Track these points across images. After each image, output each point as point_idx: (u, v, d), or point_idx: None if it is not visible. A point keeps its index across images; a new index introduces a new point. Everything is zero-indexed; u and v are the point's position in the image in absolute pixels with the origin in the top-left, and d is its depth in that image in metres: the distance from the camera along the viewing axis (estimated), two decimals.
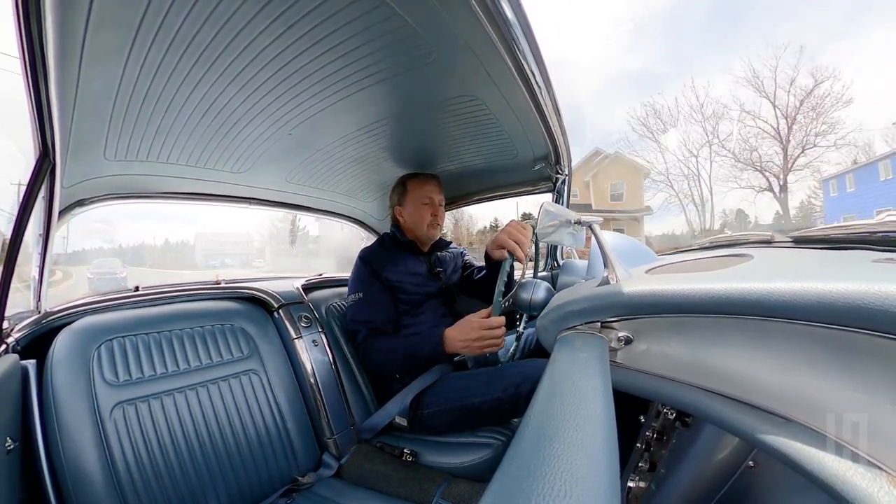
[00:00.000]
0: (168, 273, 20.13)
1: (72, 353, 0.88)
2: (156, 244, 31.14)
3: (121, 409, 0.88)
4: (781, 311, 0.39)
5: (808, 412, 0.38)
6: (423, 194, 1.37)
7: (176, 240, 31.83)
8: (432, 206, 1.38)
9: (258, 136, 1.07)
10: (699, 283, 0.47)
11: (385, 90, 0.93)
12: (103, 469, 0.81)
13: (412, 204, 1.37)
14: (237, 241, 28.99)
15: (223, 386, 1.04)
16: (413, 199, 1.38)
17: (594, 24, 42.65)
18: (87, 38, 0.63)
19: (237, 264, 25.74)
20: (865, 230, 0.69)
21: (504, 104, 1.02)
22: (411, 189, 1.38)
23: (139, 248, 28.27)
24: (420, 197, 1.37)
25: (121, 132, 0.91)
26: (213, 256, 27.19)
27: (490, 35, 0.72)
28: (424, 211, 1.37)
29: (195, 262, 26.68)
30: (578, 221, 0.74)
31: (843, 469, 0.33)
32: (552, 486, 0.23)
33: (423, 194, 1.37)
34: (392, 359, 1.16)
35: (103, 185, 1.11)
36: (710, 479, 0.58)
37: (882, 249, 0.58)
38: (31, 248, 0.97)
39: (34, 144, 0.77)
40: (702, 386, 0.48)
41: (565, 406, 0.34)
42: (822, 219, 18.87)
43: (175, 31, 0.66)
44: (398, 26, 0.71)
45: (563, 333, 0.61)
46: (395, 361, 1.16)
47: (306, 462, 1.11)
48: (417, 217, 1.37)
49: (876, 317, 0.33)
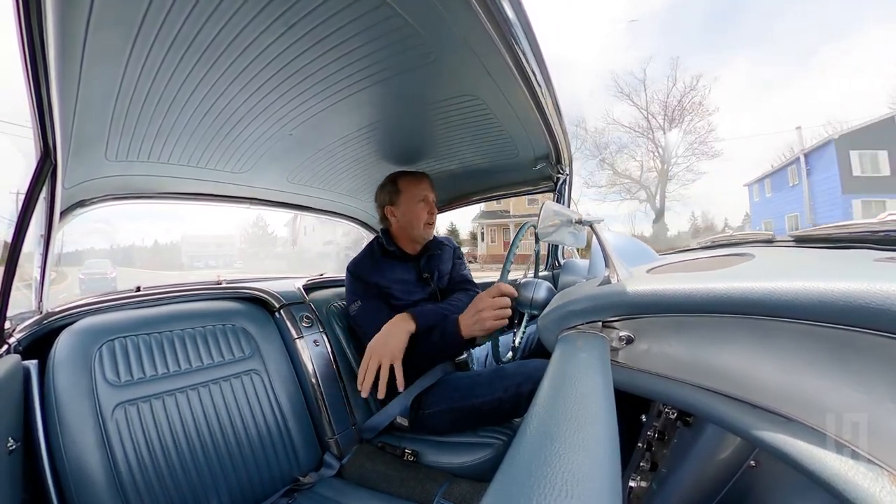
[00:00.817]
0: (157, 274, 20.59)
1: (73, 353, 0.88)
2: (146, 245, 31.99)
3: (122, 410, 0.88)
4: (783, 310, 0.39)
5: (809, 411, 0.38)
6: (418, 192, 1.32)
7: (164, 241, 32.75)
8: (427, 205, 1.33)
9: (259, 136, 1.07)
10: (701, 282, 0.47)
11: (386, 90, 0.93)
12: (105, 469, 0.82)
13: (407, 203, 1.32)
14: (220, 244, 30.08)
15: (225, 386, 1.04)
16: (407, 198, 1.32)
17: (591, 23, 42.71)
18: (87, 38, 0.63)
19: (220, 265, 26.65)
20: (867, 229, 0.69)
21: (505, 103, 1.02)
22: (405, 188, 1.33)
23: (129, 249, 29.07)
24: (415, 195, 1.32)
25: (122, 133, 0.92)
26: (198, 258, 28.35)
27: (490, 34, 0.72)
28: (420, 210, 1.32)
29: (181, 263, 27.64)
30: (580, 221, 0.74)
31: (845, 468, 0.33)
32: (553, 485, 0.23)
33: (419, 192, 1.32)
34: (406, 354, 1.11)
35: (104, 185, 1.11)
36: (711, 479, 0.58)
37: (883, 248, 0.58)
38: (32, 248, 0.97)
39: (35, 145, 0.77)
40: (703, 385, 0.48)
41: (566, 406, 0.34)
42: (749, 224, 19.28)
43: (176, 31, 0.66)
44: (399, 26, 0.71)
45: (565, 333, 0.61)
46: (409, 356, 1.11)
47: (308, 462, 1.11)
48: (413, 216, 1.32)
49: (877, 316, 0.33)
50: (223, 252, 28.92)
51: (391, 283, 1.27)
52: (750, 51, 32.73)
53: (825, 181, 15.39)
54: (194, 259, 27.82)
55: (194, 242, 30.32)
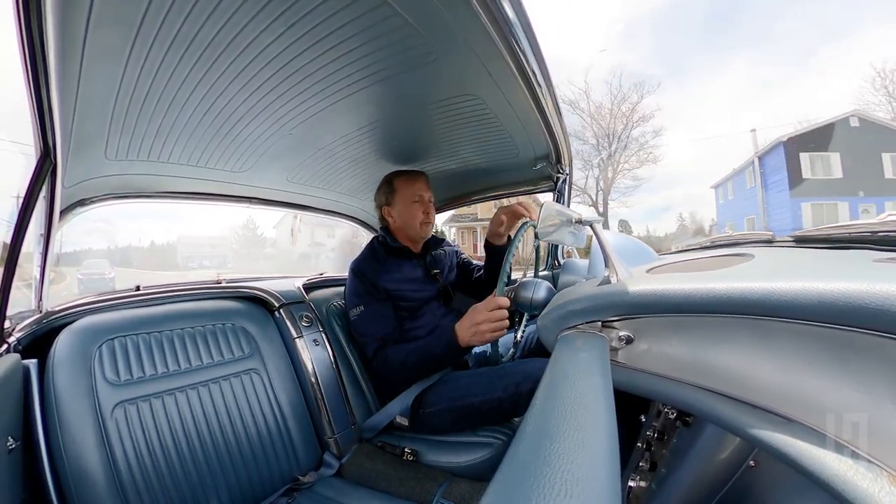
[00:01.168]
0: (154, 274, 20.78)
1: (73, 352, 0.88)
2: (142, 245, 32.42)
3: (122, 409, 0.88)
4: (783, 310, 0.39)
5: (808, 412, 0.38)
6: (413, 192, 1.33)
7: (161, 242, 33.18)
8: (423, 204, 1.34)
9: (259, 136, 1.07)
10: (700, 282, 0.47)
11: (386, 89, 0.93)
12: (105, 468, 0.82)
13: (402, 202, 1.33)
14: (215, 244, 30.66)
15: (224, 385, 1.04)
16: (403, 198, 1.33)
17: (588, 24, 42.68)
18: (87, 37, 0.63)
19: (214, 265, 27.11)
20: (867, 230, 0.69)
21: (505, 103, 1.02)
22: (400, 187, 1.34)
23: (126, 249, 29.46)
24: (410, 195, 1.33)
25: (122, 132, 0.91)
26: (193, 258, 28.85)
27: (491, 34, 0.72)
28: (416, 209, 1.33)
29: (177, 264, 28.10)
30: (580, 221, 0.74)
31: (844, 469, 0.33)
32: (553, 485, 0.23)
33: (414, 192, 1.33)
34: (407, 365, 1.13)
35: (104, 184, 1.11)
36: (710, 479, 0.58)
37: (883, 249, 0.58)
38: (31, 248, 0.97)
39: (35, 145, 0.77)
40: (703, 385, 0.48)
41: (566, 405, 0.34)
42: (716, 227, 19.28)
43: (176, 31, 0.66)
44: (399, 25, 0.70)
45: (564, 333, 0.61)
46: (411, 367, 1.13)
47: (307, 461, 1.12)
48: (409, 216, 1.33)
49: (877, 316, 0.33)
50: (217, 252, 29.43)
51: (399, 283, 1.26)
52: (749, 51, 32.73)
53: (777, 184, 15.25)
54: (189, 259, 28.25)
55: (189, 243, 30.81)
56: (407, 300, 1.27)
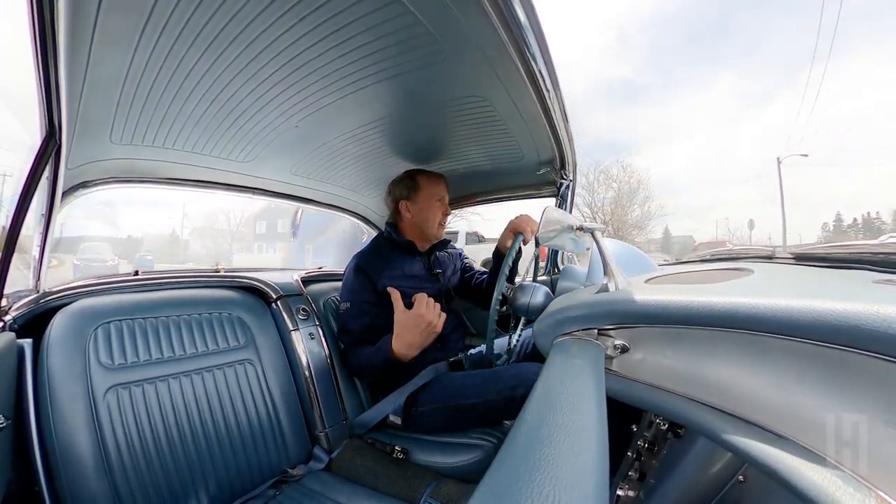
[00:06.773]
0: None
1: (68, 333, 0.88)
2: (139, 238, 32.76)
3: (114, 393, 0.88)
4: (779, 327, 0.39)
5: (801, 429, 0.38)
6: (436, 191, 1.35)
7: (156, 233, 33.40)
8: (444, 206, 1.37)
9: (264, 127, 1.07)
10: (699, 295, 0.47)
11: (393, 87, 0.93)
12: (94, 450, 0.82)
13: (425, 200, 1.34)
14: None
15: (218, 374, 1.04)
16: (426, 196, 1.34)
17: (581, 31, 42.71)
18: (98, 21, 0.63)
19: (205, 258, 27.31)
20: (867, 250, 0.69)
21: (512, 106, 1.02)
22: (424, 185, 1.35)
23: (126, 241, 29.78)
24: (434, 194, 1.35)
25: (128, 116, 0.91)
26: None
27: (501, 36, 0.72)
28: (437, 209, 1.35)
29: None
30: (581, 227, 0.74)
31: (833, 489, 0.33)
32: (541, 490, 0.23)
33: (437, 192, 1.35)
34: (366, 368, 1.20)
35: (108, 168, 1.11)
36: (698, 492, 0.58)
37: (883, 270, 0.58)
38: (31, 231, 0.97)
39: (40, 125, 0.77)
40: (696, 398, 0.48)
41: (558, 412, 0.34)
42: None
43: (186, 19, 0.66)
44: (409, 24, 0.70)
45: (560, 339, 0.61)
46: (370, 370, 1.20)
47: (297, 454, 1.12)
48: (430, 214, 1.34)
49: (873, 338, 0.33)
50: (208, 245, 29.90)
51: (400, 280, 1.26)
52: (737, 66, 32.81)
53: None
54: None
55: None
56: (406, 296, 1.26)
